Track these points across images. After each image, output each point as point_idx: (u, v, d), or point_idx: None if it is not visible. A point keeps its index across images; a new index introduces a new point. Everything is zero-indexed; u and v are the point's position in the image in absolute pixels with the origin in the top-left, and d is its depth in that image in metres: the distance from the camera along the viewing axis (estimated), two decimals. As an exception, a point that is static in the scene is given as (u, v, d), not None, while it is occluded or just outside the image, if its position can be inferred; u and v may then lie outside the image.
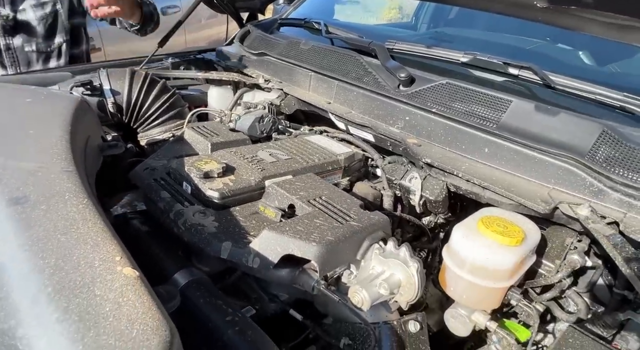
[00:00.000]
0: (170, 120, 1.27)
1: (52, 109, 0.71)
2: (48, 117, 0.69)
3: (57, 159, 0.57)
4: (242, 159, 0.91)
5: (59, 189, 0.51)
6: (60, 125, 0.66)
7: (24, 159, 0.57)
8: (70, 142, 0.63)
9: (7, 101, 0.74)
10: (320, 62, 1.29)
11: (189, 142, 1.02)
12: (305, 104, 1.29)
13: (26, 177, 0.53)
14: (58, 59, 1.50)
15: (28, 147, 0.60)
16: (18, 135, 0.63)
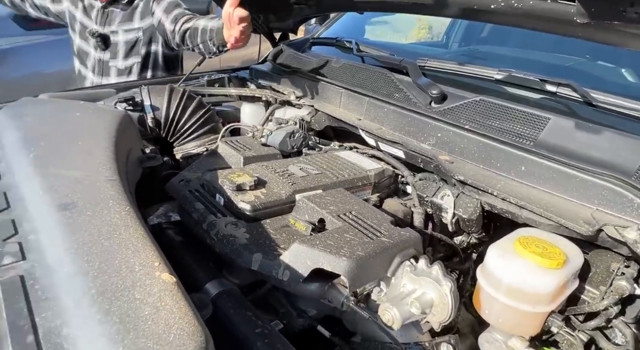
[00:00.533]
0: (205, 135, 1.32)
1: (98, 123, 0.76)
2: (94, 129, 0.73)
3: (102, 169, 0.60)
4: (273, 173, 0.93)
5: (103, 196, 0.54)
6: (105, 138, 0.69)
7: (72, 168, 0.60)
8: (114, 153, 0.66)
9: (59, 114, 0.79)
10: (351, 79, 1.31)
11: (222, 155, 1.05)
12: (336, 120, 1.30)
13: (74, 185, 0.56)
14: (129, 76, 1.72)
15: (76, 157, 0.63)
16: (67, 146, 0.67)
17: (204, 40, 1.49)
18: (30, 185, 0.57)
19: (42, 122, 0.75)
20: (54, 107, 0.83)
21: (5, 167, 0.62)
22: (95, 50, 1.72)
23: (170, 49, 1.78)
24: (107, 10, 1.68)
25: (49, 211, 0.51)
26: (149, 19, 1.68)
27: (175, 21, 1.61)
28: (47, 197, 0.53)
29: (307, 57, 1.57)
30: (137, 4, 1.69)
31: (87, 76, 1.78)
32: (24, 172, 0.60)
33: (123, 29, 1.69)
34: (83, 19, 1.72)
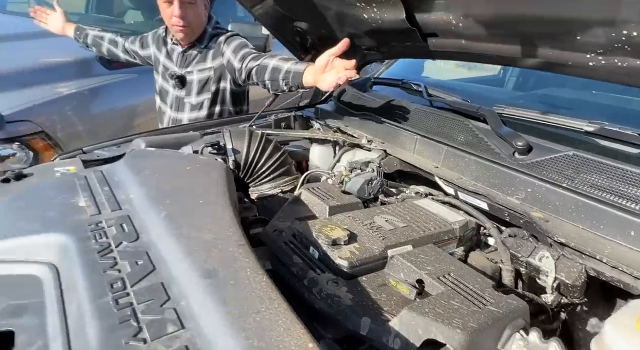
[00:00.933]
0: (280, 177, 1.37)
1: (211, 178, 0.81)
2: (209, 186, 0.78)
3: (229, 232, 0.64)
4: (361, 226, 0.94)
5: (240, 264, 0.57)
6: (222, 195, 0.74)
7: (202, 230, 0.64)
8: (234, 213, 0.70)
9: (173, 169, 0.85)
10: (425, 125, 1.32)
11: (307, 203, 1.08)
12: (409, 166, 1.31)
13: (210, 250, 0.59)
14: (200, 111, 1.85)
15: (202, 217, 0.67)
16: (191, 204, 0.71)
17: (273, 78, 1.56)
18: (169, 248, 0.61)
19: (161, 178, 0.81)
20: (166, 161, 0.89)
21: (141, 226, 0.68)
22: (174, 89, 1.87)
23: (237, 86, 1.89)
24: (186, 54, 1.83)
25: (194, 277, 0.54)
26: (220, 59, 1.80)
27: (243, 60, 1.70)
28: (189, 261, 0.57)
29: (374, 99, 1.60)
30: (210, 46, 1.82)
31: (166, 112, 1.93)
32: (159, 232, 0.65)
33: (197, 69, 1.83)
34: (166, 62, 1.88)
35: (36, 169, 1.01)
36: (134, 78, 2.36)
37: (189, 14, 1.65)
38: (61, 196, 0.75)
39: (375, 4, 1.21)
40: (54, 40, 2.30)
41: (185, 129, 1.57)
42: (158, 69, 1.92)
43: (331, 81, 1.26)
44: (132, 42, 2.01)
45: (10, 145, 1.72)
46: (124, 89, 2.30)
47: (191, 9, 1.65)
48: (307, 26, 1.63)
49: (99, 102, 2.15)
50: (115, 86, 2.24)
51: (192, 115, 1.87)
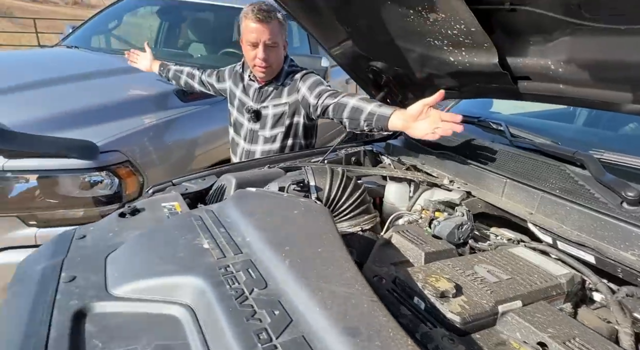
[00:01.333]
0: (360, 215, 1.36)
1: (320, 224, 0.82)
2: (322, 232, 0.79)
3: (359, 286, 0.64)
4: (463, 276, 0.91)
5: (379, 322, 0.56)
6: (339, 244, 0.75)
7: (330, 281, 0.65)
8: (355, 264, 0.70)
9: (282, 213, 0.87)
10: (513, 167, 1.28)
11: (398, 247, 1.07)
12: (496, 209, 1.27)
13: (345, 305, 0.60)
14: (272, 143, 1.92)
15: (327, 267, 0.68)
16: (310, 252, 0.73)
17: (353, 117, 1.58)
18: (301, 298, 0.62)
19: (273, 221, 0.83)
20: (272, 203, 0.92)
21: (266, 272, 0.69)
22: (248, 122, 1.95)
23: (310, 120, 1.95)
24: (262, 90, 1.91)
25: (337, 335, 0.55)
26: (295, 95, 1.87)
27: (319, 96, 1.75)
28: (327, 315, 0.57)
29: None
30: (286, 82, 1.89)
31: (239, 143, 2.02)
32: (287, 280, 0.66)
33: (272, 104, 1.90)
34: (241, 97, 1.97)
35: (145, 204, 1.08)
36: (204, 110, 2.50)
37: (271, 56, 1.74)
38: (185, 236, 0.80)
39: (465, 48, 1.22)
40: (136, 76, 2.51)
41: (262, 162, 1.63)
42: (233, 102, 2.02)
43: (424, 129, 1.26)
44: (208, 75, 2.15)
45: (99, 173, 1.85)
46: (195, 120, 2.44)
47: (273, 51, 1.74)
48: (384, 65, 1.66)
49: (172, 132, 2.28)
50: (187, 117, 2.38)
51: (265, 148, 1.93)
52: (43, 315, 0.60)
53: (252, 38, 1.68)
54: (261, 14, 1.65)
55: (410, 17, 1.20)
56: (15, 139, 1.58)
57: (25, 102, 1.94)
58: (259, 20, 1.66)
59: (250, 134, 1.96)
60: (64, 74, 2.34)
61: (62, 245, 0.83)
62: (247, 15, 1.69)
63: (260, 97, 1.93)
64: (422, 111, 1.29)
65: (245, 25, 1.71)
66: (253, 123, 1.94)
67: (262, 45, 1.70)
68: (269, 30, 1.68)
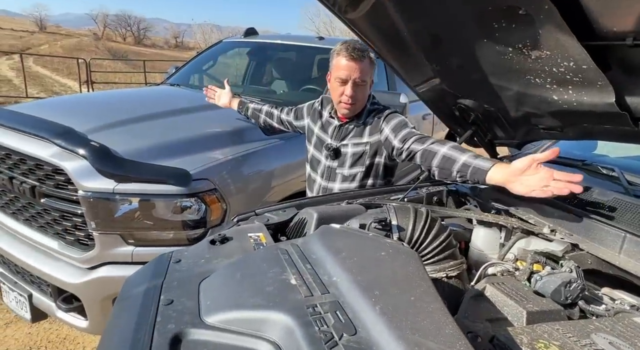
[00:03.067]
0: (445, 260, 1.27)
1: (410, 268, 0.77)
2: (413, 278, 0.74)
3: (460, 345, 0.57)
4: (577, 345, 0.78)
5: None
6: (434, 296, 0.69)
7: (427, 336, 0.59)
8: (452, 317, 0.63)
9: (368, 253, 0.84)
10: (634, 220, 1.11)
11: (493, 302, 0.96)
12: (613, 267, 1.09)
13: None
14: (351, 182, 1.90)
15: (422, 320, 0.63)
16: (402, 299, 0.68)
17: (444, 167, 1.50)
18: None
19: (360, 263, 0.80)
20: (358, 243, 0.90)
21: (354, 316, 0.66)
22: (326, 159, 1.95)
23: (391, 160, 1.90)
24: (342, 128, 1.92)
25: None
26: (377, 135, 1.85)
27: (404, 141, 1.71)
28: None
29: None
30: (367, 121, 1.88)
31: (316, 180, 2.02)
32: (379, 330, 0.62)
33: (352, 143, 1.89)
34: (320, 134, 1.99)
35: (232, 233, 1.12)
36: (281, 144, 2.60)
37: (358, 94, 1.76)
38: (272, 270, 0.80)
39: (572, 86, 1.12)
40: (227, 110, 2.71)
41: (341, 197, 1.62)
42: (311, 139, 2.04)
43: (530, 186, 1.15)
44: (287, 113, 2.22)
45: (189, 199, 1.99)
46: (273, 153, 2.53)
47: (361, 89, 1.75)
48: (473, 103, 1.59)
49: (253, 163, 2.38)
50: (267, 150, 2.49)
51: (344, 186, 1.92)
52: (145, 336, 0.63)
53: (343, 75, 1.71)
54: (355, 52, 1.68)
55: (509, 55, 1.15)
56: (124, 166, 1.79)
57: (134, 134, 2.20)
58: (352, 58, 1.69)
59: (328, 171, 1.96)
60: (165, 109, 2.63)
61: (160, 267, 0.89)
62: (340, 53, 1.73)
63: (339, 135, 1.93)
64: (529, 166, 1.16)
65: (336, 61, 1.75)
66: (331, 160, 1.94)
67: (351, 83, 1.72)
68: (360, 69, 1.70)
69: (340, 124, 1.93)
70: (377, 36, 1.47)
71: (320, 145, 1.98)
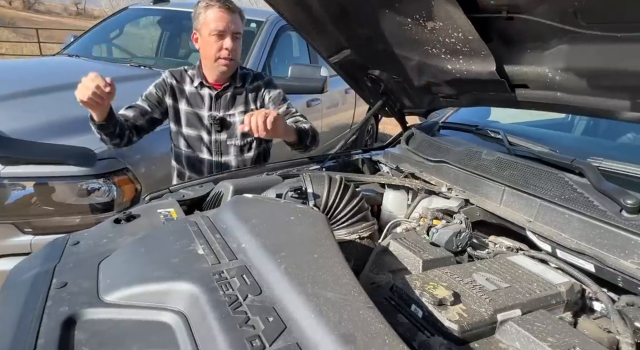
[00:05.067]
0: (358, 223, 1.35)
1: (317, 230, 0.81)
2: (318, 238, 0.78)
3: (354, 292, 0.63)
4: (461, 284, 0.90)
5: (375, 330, 0.55)
6: (336, 250, 0.74)
7: (326, 287, 0.64)
8: (352, 271, 0.69)
9: (278, 218, 0.87)
10: (511, 175, 1.28)
11: (396, 255, 1.06)
12: (495, 217, 1.26)
13: (340, 311, 0.58)
14: (248, 152, 1.83)
15: (323, 274, 0.67)
16: (307, 258, 0.72)
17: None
18: (296, 305, 0.60)
19: (269, 228, 0.82)
20: (268, 209, 0.91)
21: (260, 278, 0.68)
22: (210, 133, 1.77)
23: None
24: (221, 97, 1.76)
25: (331, 341, 0.53)
26: (260, 102, 1.81)
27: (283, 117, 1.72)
28: (321, 322, 0.56)
29: (448, 145, 1.59)
30: (247, 87, 1.79)
31: (203, 159, 1.81)
32: (282, 287, 0.65)
33: (239, 111, 1.78)
34: (190, 110, 1.76)
35: (140, 210, 1.07)
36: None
37: (237, 48, 1.65)
38: (179, 242, 0.78)
39: (462, 56, 1.23)
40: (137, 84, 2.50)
41: (258, 170, 1.62)
42: (179, 119, 1.77)
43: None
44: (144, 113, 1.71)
45: (96, 180, 1.84)
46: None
47: (238, 44, 1.65)
48: (382, 73, 1.67)
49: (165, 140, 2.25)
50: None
51: (240, 158, 1.84)
52: (32, 323, 0.59)
53: (221, 26, 1.58)
54: (229, 3, 1.59)
55: (409, 25, 1.21)
56: (12, 146, 1.58)
57: (24, 110, 1.94)
58: (228, 9, 1.59)
59: (217, 145, 1.79)
60: (63, 82, 2.34)
61: (55, 252, 0.82)
62: (211, 6, 1.58)
63: (220, 105, 1.77)
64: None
65: (208, 15, 1.59)
66: (218, 133, 1.77)
67: (230, 36, 1.61)
68: (236, 21, 1.62)
69: (217, 92, 1.75)
70: (291, 8, 1.45)
71: (198, 120, 1.76)
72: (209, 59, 1.68)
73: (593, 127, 2.18)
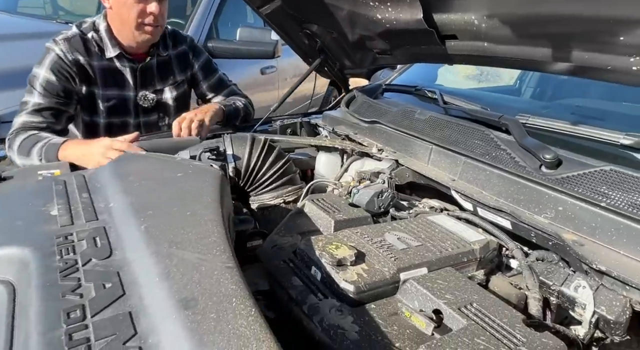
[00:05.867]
0: (283, 186, 1.27)
1: (202, 187, 0.72)
2: (200, 195, 0.69)
3: (217, 251, 0.54)
4: (369, 243, 0.84)
5: (224, 291, 0.47)
6: (214, 207, 0.65)
7: (186, 247, 0.55)
8: (225, 229, 0.60)
9: (162, 175, 0.76)
10: (441, 134, 1.22)
11: (310, 216, 0.99)
12: (422, 177, 1.21)
13: (192, 272, 0.50)
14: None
15: (187, 232, 0.58)
16: (178, 216, 0.62)
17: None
18: (144, 268, 0.52)
19: (147, 185, 0.72)
20: (156, 166, 0.81)
21: (116, 240, 0.58)
22: (137, 116, 1.54)
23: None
24: (148, 70, 1.52)
25: (168, 307, 0.45)
26: (189, 71, 1.64)
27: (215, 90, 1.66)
28: (165, 286, 0.48)
29: (385, 106, 1.51)
30: (171, 53, 1.58)
31: None
32: (136, 248, 0.55)
33: (170, 86, 1.58)
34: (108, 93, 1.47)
35: (19, 172, 0.93)
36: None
37: (164, 10, 1.42)
38: (33, 202, 0.67)
39: (390, 3, 1.13)
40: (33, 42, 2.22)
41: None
42: (95, 107, 1.46)
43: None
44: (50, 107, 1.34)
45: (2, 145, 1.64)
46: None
47: (164, 3, 1.41)
48: (317, 28, 1.55)
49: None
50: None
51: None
52: None
53: None
54: None
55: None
56: None
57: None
58: None
59: (144, 128, 1.56)
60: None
61: None
62: None
63: (146, 82, 1.51)
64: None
65: None
66: (147, 115, 1.55)
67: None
68: None
69: (141, 66, 1.48)
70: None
71: (122, 105, 1.48)
72: (127, 24, 1.37)
73: (540, 93, 2.17)
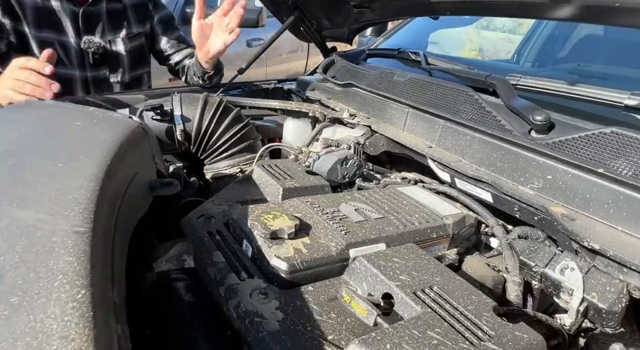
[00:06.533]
0: (240, 154, 1.12)
1: (97, 138, 0.56)
2: (87, 147, 0.54)
3: (71, 211, 0.40)
4: (319, 214, 0.70)
5: (53, 265, 0.33)
6: (97, 161, 0.50)
7: (31, 205, 0.40)
8: (103, 183, 0.46)
9: (54, 123, 0.61)
10: (420, 96, 1.07)
11: (257, 184, 0.84)
12: (398, 146, 1.06)
13: (18, 237, 0.35)
14: (140, 89, 1.51)
15: (45, 187, 0.43)
16: (42, 169, 0.47)
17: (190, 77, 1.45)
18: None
19: (25, 131, 0.57)
20: (53, 114, 0.65)
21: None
22: (81, 70, 1.36)
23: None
24: (93, 16, 1.33)
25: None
26: (148, 23, 1.48)
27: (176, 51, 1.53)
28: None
29: (364, 70, 1.35)
30: (126, 3, 1.40)
31: None
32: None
33: (125, 36, 1.41)
34: (43, 35, 1.27)
35: None
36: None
37: None
38: None
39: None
40: None
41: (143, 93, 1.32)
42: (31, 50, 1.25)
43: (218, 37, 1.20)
44: None
45: None
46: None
47: None
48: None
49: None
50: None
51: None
52: None
53: None
54: None
55: None
56: None
57: None
58: None
59: (96, 85, 1.39)
60: None
61: None
62: None
63: (90, 28, 1.33)
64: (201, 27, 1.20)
65: None
66: (95, 69, 1.37)
67: None
68: None
69: (83, 9, 1.29)
70: None
71: (63, 52, 1.29)
72: None
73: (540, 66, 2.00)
